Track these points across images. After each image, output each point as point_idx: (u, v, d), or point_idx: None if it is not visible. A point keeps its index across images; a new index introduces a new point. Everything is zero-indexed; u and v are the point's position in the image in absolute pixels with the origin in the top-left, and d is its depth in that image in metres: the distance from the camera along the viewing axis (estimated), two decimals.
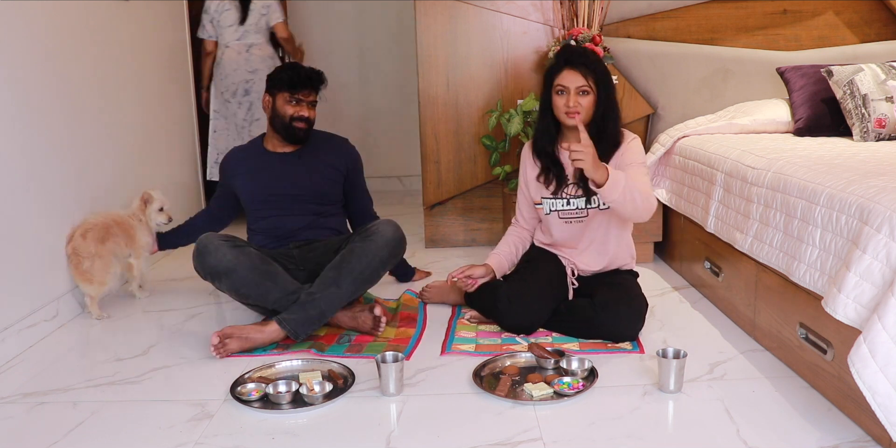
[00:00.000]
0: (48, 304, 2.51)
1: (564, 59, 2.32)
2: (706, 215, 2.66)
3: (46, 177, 2.54)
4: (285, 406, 1.90)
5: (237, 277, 2.29)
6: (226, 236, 2.39)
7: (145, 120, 3.39)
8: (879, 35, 3.62)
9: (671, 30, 3.59)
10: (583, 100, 2.28)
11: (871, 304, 1.61)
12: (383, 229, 2.42)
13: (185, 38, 3.99)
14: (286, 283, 2.33)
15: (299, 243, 2.58)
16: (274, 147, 2.64)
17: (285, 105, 2.54)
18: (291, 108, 2.54)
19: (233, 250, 2.32)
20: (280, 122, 2.56)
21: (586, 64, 2.28)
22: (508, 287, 2.38)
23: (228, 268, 2.29)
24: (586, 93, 2.28)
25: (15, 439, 1.78)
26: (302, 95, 2.54)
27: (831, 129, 2.96)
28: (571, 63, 2.29)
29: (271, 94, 2.57)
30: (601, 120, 2.31)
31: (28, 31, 2.47)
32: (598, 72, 2.29)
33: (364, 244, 2.37)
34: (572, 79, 2.28)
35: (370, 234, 2.40)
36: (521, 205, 2.56)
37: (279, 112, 2.55)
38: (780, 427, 1.75)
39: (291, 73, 2.53)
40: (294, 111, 2.54)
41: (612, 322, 2.25)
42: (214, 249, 2.31)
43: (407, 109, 5.04)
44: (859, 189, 1.81)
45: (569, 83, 2.28)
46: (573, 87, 2.27)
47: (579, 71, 2.27)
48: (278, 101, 2.55)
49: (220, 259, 2.29)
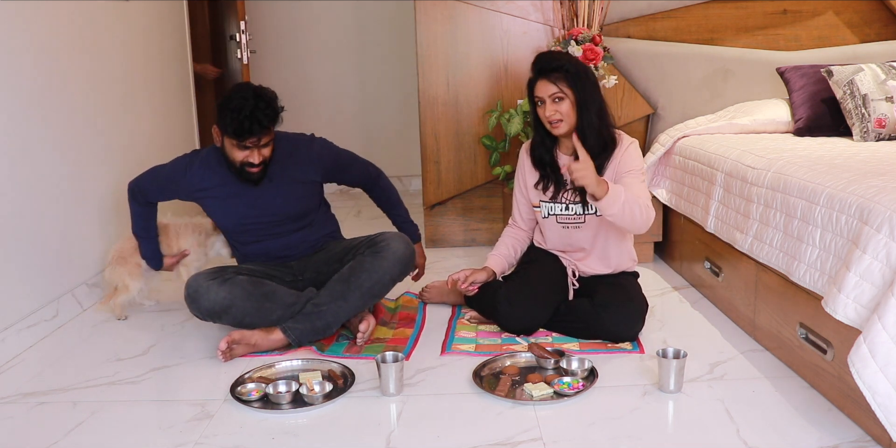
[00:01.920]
0: (48, 304, 2.51)
1: (535, 69, 2.29)
2: (706, 215, 2.66)
3: (46, 177, 2.54)
4: (285, 406, 1.90)
5: (236, 311, 2.24)
6: (212, 273, 2.29)
7: (145, 120, 3.39)
8: (879, 35, 3.62)
9: (671, 30, 3.58)
10: (560, 106, 2.25)
11: (871, 304, 1.61)
12: (395, 246, 2.34)
13: (186, 38, 3.99)
14: (284, 296, 2.29)
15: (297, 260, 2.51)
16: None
17: (233, 149, 2.26)
18: (240, 153, 2.26)
19: (223, 286, 2.23)
20: (231, 164, 2.31)
21: (555, 68, 2.24)
22: (508, 289, 2.37)
23: (225, 305, 2.22)
24: (560, 99, 2.25)
25: (15, 439, 1.78)
26: (250, 143, 2.22)
27: (831, 129, 2.96)
28: (541, 72, 2.27)
29: (220, 129, 2.26)
30: (588, 121, 2.27)
31: (28, 31, 2.46)
32: (570, 73, 2.24)
33: (374, 260, 2.30)
34: (544, 88, 2.26)
35: (380, 250, 2.33)
36: (520, 205, 2.55)
37: (228, 154, 2.29)
38: (780, 427, 1.75)
39: (233, 118, 2.16)
40: (243, 157, 2.26)
41: (612, 322, 2.25)
42: (205, 291, 2.22)
43: (407, 109, 5.04)
44: (859, 189, 1.81)
45: (542, 93, 2.26)
46: (546, 96, 2.26)
47: (549, 79, 2.25)
48: (226, 144, 2.27)
49: (214, 299, 2.22)
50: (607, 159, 2.31)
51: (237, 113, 2.15)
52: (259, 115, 2.17)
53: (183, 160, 2.45)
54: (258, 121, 2.17)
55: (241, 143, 2.22)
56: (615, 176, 2.30)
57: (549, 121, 2.27)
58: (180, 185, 2.43)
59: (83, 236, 2.77)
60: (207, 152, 2.44)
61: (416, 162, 4.65)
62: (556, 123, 2.26)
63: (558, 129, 2.27)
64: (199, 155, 2.45)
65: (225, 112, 2.19)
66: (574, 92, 2.25)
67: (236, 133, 2.19)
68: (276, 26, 4.99)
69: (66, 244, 2.65)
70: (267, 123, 2.21)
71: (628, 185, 2.22)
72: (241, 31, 4.03)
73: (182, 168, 2.43)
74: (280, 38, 4.98)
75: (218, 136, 2.32)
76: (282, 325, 2.25)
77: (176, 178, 2.43)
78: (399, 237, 2.39)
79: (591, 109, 2.26)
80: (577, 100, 2.25)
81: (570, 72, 2.25)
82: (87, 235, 2.80)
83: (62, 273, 2.62)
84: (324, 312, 2.25)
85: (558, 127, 2.27)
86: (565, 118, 2.26)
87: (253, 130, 2.18)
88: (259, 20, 4.95)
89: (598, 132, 2.28)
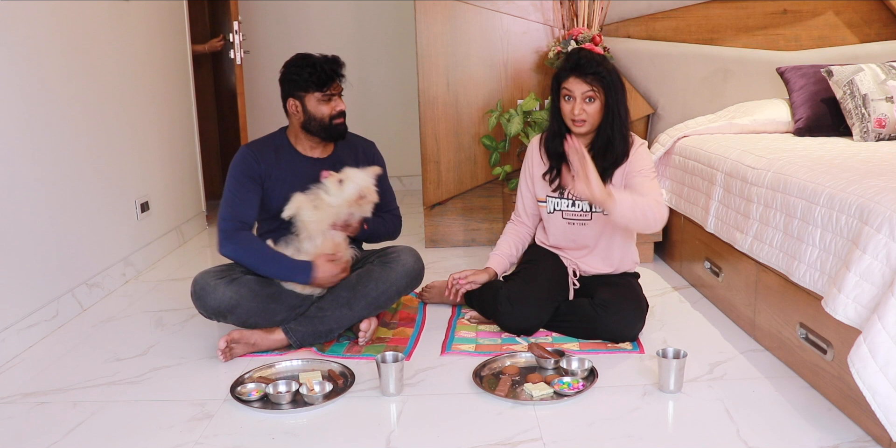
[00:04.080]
0: (48, 304, 2.51)
1: (571, 65, 2.27)
2: (706, 215, 2.66)
3: (46, 177, 2.54)
4: (285, 406, 1.90)
5: (242, 311, 2.24)
6: (220, 272, 2.28)
7: (144, 120, 3.39)
8: (879, 35, 3.62)
9: (671, 30, 3.59)
10: (589, 107, 2.26)
11: (871, 304, 1.61)
12: (405, 258, 2.35)
13: (186, 38, 3.99)
14: (290, 298, 2.29)
15: None
16: (305, 149, 2.40)
17: (319, 105, 2.31)
18: (327, 106, 2.32)
19: (230, 286, 2.22)
20: (318, 123, 2.33)
21: (595, 71, 2.24)
22: (509, 289, 2.37)
23: (231, 305, 2.22)
24: (592, 99, 2.26)
25: (15, 439, 1.78)
26: (333, 89, 2.32)
27: (831, 129, 2.96)
28: (579, 69, 2.25)
29: (297, 97, 2.32)
30: (609, 127, 2.28)
31: (28, 31, 2.47)
32: (607, 78, 2.25)
33: (383, 270, 2.30)
34: (578, 86, 2.25)
35: (390, 261, 2.33)
36: (524, 199, 2.54)
37: (314, 114, 2.32)
38: (780, 427, 1.75)
39: (312, 71, 2.28)
40: (331, 109, 2.32)
41: (612, 322, 2.25)
42: (212, 290, 2.22)
43: (407, 109, 5.04)
44: (859, 189, 1.81)
45: (575, 90, 2.26)
46: (579, 93, 2.25)
47: (585, 79, 2.24)
48: (310, 104, 2.31)
49: (220, 298, 2.21)
50: (619, 164, 2.32)
51: (312, 67, 2.28)
52: (333, 65, 2.31)
53: (242, 155, 2.36)
54: (334, 70, 2.31)
55: (325, 92, 2.30)
56: (625, 177, 2.31)
57: (574, 119, 2.28)
58: (261, 173, 2.33)
59: (83, 236, 2.77)
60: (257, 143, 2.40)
61: (416, 162, 4.65)
62: (580, 122, 2.28)
63: (580, 127, 2.29)
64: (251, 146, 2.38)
65: (300, 73, 2.28)
66: (606, 97, 2.26)
67: (320, 82, 2.28)
68: (276, 26, 4.98)
69: (66, 244, 2.64)
70: (338, 67, 2.33)
71: (639, 185, 2.23)
72: (235, 32, 3.99)
73: (251, 158, 2.34)
74: (280, 38, 4.98)
75: (297, 109, 2.33)
76: (284, 325, 2.25)
77: (252, 172, 2.33)
78: (410, 251, 2.40)
79: (617, 119, 2.28)
80: (607, 105, 2.27)
81: (606, 78, 2.25)
82: (86, 235, 2.80)
83: (62, 273, 2.62)
84: (327, 317, 2.25)
85: (581, 126, 2.28)
86: (590, 119, 2.28)
87: (334, 73, 2.31)
88: (258, 20, 4.94)
89: (615, 142, 2.29)
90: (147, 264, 3.30)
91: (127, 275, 3.10)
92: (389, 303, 2.34)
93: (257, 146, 2.38)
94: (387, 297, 2.31)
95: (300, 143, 2.40)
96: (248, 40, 4.81)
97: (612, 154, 2.30)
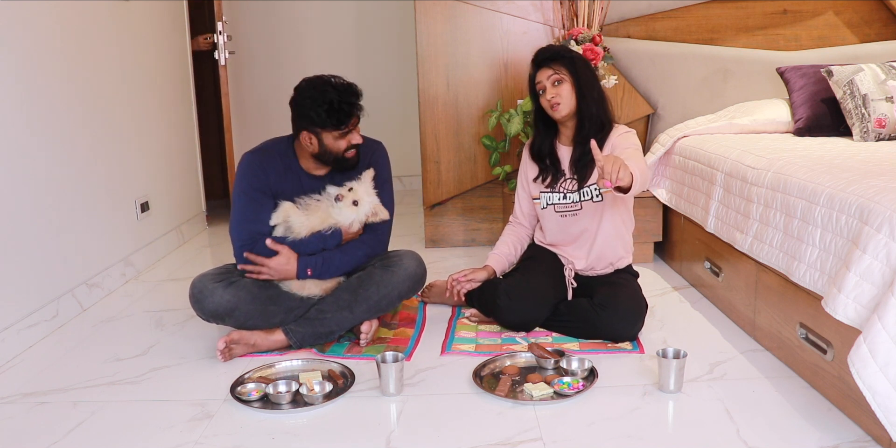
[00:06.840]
0: (48, 304, 2.51)
1: (534, 61, 2.40)
2: (706, 215, 2.66)
3: (46, 177, 2.54)
4: (285, 406, 1.90)
5: (240, 314, 2.23)
6: (218, 275, 2.27)
7: (144, 120, 3.40)
8: (879, 35, 3.62)
9: (671, 30, 3.59)
10: (559, 89, 2.34)
11: (871, 304, 1.61)
12: (407, 262, 2.33)
13: (186, 38, 3.99)
14: (288, 301, 2.30)
15: None
16: (309, 168, 2.33)
17: (336, 141, 2.23)
18: (343, 141, 2.23)
19: (228, 289, 2.22)
20: (332, 156, 2.26)
21: (552, 57, 2.36)
22: (508, 283, 2.38)
23: (229, 308, 2.22)
24: (560, 81, 2.34)
25: (15, 439, 1.78)
26: (351, 124, 2.23)
27: (831, 129, 2.96)
28: (540, 63, 2.38)
29: (312, 132, 2.21)
30: (587, 106, 2.36)
31: (27, 31, 2.47)
32: (567, 58, 2.36)
33: (384, 273, 2.30)
34: (543, 74, 2.37)
35: (392, 264, 2.32)
36: (521, 200, 2.58)
37: (330, 149, 2.23)
38: (780, 427, 1.75)
39: (329, 109, 2.15)
40: (346, 143, 2.24)
41: (611, 322, 2.25)
42: (210, 293, 2.21)
43: (407, 109, 5.04)
44: (859, 189, 1.81)
45: (542, 78, 2.37)
46: (546, 80, 2.35)
47: (547, 66, 2.35)
48: (326, 140, 2.22)
49: (219, 301, 2.21)
50: (600, 141, 2.35)
51: (329, 105, 2.15)
52: (351, 99, 2.19)
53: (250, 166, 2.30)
54: (348, 102, 2.18)
55: (342, 130, 2.20)
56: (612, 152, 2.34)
57: (550, 105, 2.35)
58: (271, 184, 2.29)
59: (83, 236, 2.77)
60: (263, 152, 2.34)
61: (416, 162, 4.65)
62: (556, 106, 2.34)
63: (558, 111, 2.34)
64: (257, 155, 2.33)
65: (316, 110, 2.16)
66: (573, 76, 2.35)
67: (338, 122, 2.18)
68: (274, 26, 4.98)
69: (66, 244, 2.64)
70: (356, 100, 2.21)
71: (626, 157, 2.20)
72: (219, 32, 3.96)
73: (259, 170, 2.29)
74: (279, 38, 4.97)
75: (312, 142, 2.23)
76: (284, 326, 2.25)
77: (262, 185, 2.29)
78: (412, 255, 2.39)
79: (591, 94, 2.35)
80: (576, 84, 2.35)
81: (566, 58, 2.36)
82: (87, 235, 2.80)
83: (62, 273, 2.62)
84: (328, 320, 2.25)
85: (558, 109, 2.34)
86: (564, 101, 2.34)
87: (352, 111, 2.20)
88: (258, 20, 4.94)
89: (598, 116, 2.36)
90: (147, 264, 3.31)
91: (127, 275, 3.10)
92: (390, 307, 2.33)
93: (263, 156, 2.31)
94: (388, 301, 2.31)
95: (306, 162, 2.33)
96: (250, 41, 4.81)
97: (591, 129, 2.36)
